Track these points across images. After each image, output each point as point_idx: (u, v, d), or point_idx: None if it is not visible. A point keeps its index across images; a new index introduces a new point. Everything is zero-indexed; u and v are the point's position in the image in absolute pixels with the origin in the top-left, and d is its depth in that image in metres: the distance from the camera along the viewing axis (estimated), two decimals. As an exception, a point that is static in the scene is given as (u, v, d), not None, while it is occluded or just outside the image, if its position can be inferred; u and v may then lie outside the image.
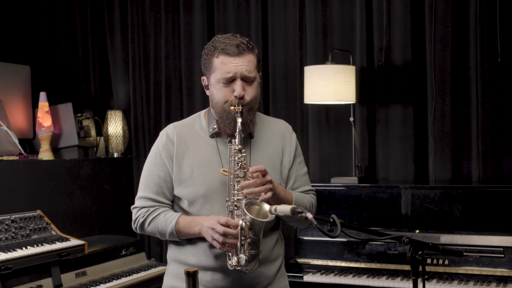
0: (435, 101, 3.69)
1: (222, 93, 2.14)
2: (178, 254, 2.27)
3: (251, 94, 2.15)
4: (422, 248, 1.92)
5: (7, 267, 2.90)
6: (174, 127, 2.28)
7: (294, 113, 4.10)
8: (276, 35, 4.15)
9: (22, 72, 4.28)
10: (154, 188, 2.24)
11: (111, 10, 4.74)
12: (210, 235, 2.08)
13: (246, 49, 2.13)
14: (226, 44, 2.13)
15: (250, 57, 2.14)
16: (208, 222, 2.09)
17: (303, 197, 2.28)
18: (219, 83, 2.14)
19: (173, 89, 4.53)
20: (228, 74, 2.12)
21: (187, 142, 2.23)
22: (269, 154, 2.25)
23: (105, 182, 4.26)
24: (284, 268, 2.37)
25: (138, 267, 3.71)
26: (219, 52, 2.13)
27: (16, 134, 3.90)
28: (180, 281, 2.24)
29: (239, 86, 2.12)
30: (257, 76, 2.18)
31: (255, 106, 2.20)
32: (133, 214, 2.29)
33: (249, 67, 2.13)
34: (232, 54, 2.11)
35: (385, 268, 3.25)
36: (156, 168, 2.24)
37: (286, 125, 2.36)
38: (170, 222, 2.18)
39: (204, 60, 2.19)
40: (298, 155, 2.33)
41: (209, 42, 2.20)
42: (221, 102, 2.15)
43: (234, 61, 2.11)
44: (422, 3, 3.74)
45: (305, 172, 2.35)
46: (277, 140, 2.29)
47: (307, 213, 1.89)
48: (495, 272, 3.04)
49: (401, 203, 3.37)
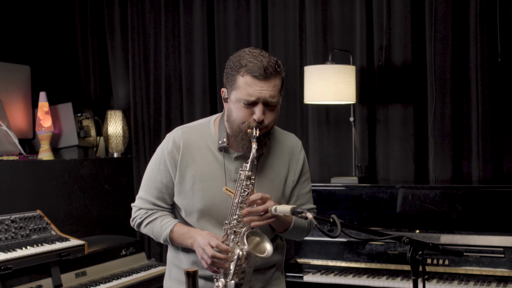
0: (435, 101, 3.69)
1: (242, 114, 2.07)
2: (175, 258, 2.28)
3: (270, 118, 2.09)
4: (422, 248, 1.92)
5: (7, 267, 2.90)
6: (182, 132, 2.22)
7: (294, 113, 4.10)
8: (276, 35, 4.15)
9: (22, 72, 4.27)
10: (155, 193, 2.23)
11: (111, 10, 4.74)
12: (199, 254, 2.08)
13: (274, 72, 2.05)
14: (254, 64, 2.03)
15: (276, 82, 2.06)
16: (201, 239, 2.07)
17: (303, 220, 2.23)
18: (240, 103, 2.06)
19: (173, 89, 4.52)
20: (251, 97, 2.03)
21: (192, 152, 2.18)
22: (274, 174, 2.21)
23: (105, 182, 4.26)
24: (282, 271, 2.35)
25: (138, 267, 3.71)
26: (245, 71, 2.03)
27: (16, 134, 3.90)
28: (179, 284, 2.26)
29: (259, 111, 2.04)
30: (279, 100, 2.11)
31: (272, 129, 2.16)
32: (132, 212, 2.31)
33: (274, 93, 2.05)
34: (259, 77, 2.02)
35: (385, 268, 3.25)
36: (159, 174, 2.22)
37: (296, 142, 2.30)
38: (165, 230, 2.18)
39: (228, 74, 2.10)
40: (304, 174, 2.29)
41: (235, 54, 2.11)
42: (238, 122, 2.08)
43: (259, 84, 2.03)
44: (422, 3, 3.74)
45: (308, 190, 2.31)
46: (285, 157, 2.24)
47: (307, 213, 1.89)
48: (495, 272, 3.04)
49: (401, 203, 3.37)
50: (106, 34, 4.77)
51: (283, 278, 2.38)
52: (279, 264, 2.33)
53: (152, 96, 4.60)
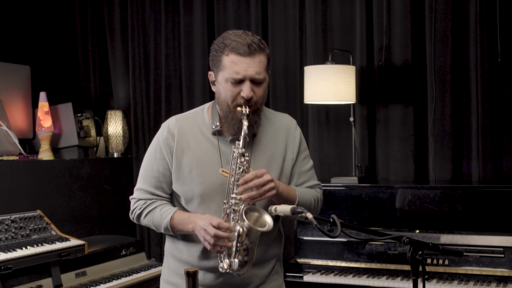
0: (435, 101, 3.69)
1: (230, 93, 2.09)
2: (174, 249, 2.28)
3: (259, 95, 2.11)
4: (422, 248, 1.92)
5: (7, 267, 2.90)
6: (176, 120, 2.24)
7: (294, 113, 4.09)
8: (276, 35, 4.15)
9: (22, 72, 4.28)
10: (153, 182, 2.23)
11: (111, 10, 4.74)
12: (202, 236, 2.07)
13: (258, 49, 2.07)
14: (238, 42, 2.06)
15: (261, 58, 2.08)
16: (201, 222, 2.08)
17: (308, 192, 2.25)
18: (227, 82, 2.08)
19: (173, 89, 4.53)
20: (237, 75, 2.06)
21: (188, 138, 2.20)
22: (271, 153, 2.22)
23: (105, 182, 4.26)
24: (280, 265, 2.35)
25: (138, 267, 3.71)
26: (229, 50, 2.07)
27: (16, 134, 3.90)
28: (177, 276, 2.26)
29: (247, 88, 2.07)
30: (266, 77, 2.13)
31: (261, 107, 2.18)
32: (131, 204, 2.30)
33: (259, 69, 2.08)
34: (243, 54, 2.05)
35: (385, 268, 3.25)
36: (156, 162, 2.23)
37: (290, 120, 2.31)
38: (166, 217, 2.18)
39: (213, 56, 2.13)
40: (302, 151, 2.29)
41: (219, 37, 2.14)
42: (227, 101, 2.11)
43: (245, 61, 2.05)
44: (422, 3, 3.74)
45: (310, 167, 2.31)
46: (281, 136, 2.25)
47: (307, 213, 1.89)
48: (495, 272, 3.04)
49: (401, 203, 3.36)
50: (106, 34, 4.77)
51: (282, 272, 2.37)
52: (278, 257, 2.33)
53: (152, 96, 4.60)
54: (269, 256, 2.26)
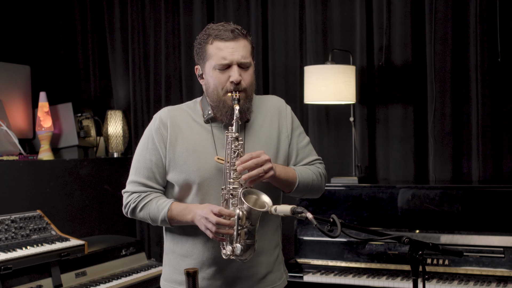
0: (435, 101, 3.69)
1: (218, 80, 2.11)
2: (176, 244, 2.25)
3: (248, 80, 2.13)
4: (422, 248, 1.92)
5: (7, 267, 2.91)
6: (168, 110, 2.24)
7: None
8: (276, 35, 4.15)
9: (22, 72, 4.28)
10: (146, 173, 2.21)
11: (111, 10, 4.74)
12: (203, 224, 2.05)
13: (241, 34, 2.12)
14: (220, 30, 2.11)
15: (245, 43, 2.12)
16: (201, 211, 2.06)
17: (308, 170, 2.24)
18: (215, 70, 2.11)
19: (173, 89, 4.53)
20: (224, 60, 2.09)
21: (181, 126, 2.19)
22: (265, 135, 2.21)
23: (105, 182, 4.25)
24: (282, 254, 2.34)
25: (138, 267, 3.71)
26: (213, 38, 2.10)
27: (16, 134, 3.90)
28: (178, 273, 2.23)
29: (235, 72, 2.09)
30: (252, 63, 2.16)
31: (251, 93, 2.18)
32: (124, 198, 2.26)
33: (245, 53, 2.11)
34: (227, 39, 2.09)
35: (385, 268, 3.25)
36: (148, 153, 2.21)
37: (279, 100, 2.32)
38: (163, 209, 2.15)
39: (198, 49, 2.16)
40: (296, 128, 2.29)
41: (201, 32, 2.18)
42: (217, 90, 2.12)
43: (230, 45, 2.09)
44: (422, 3, 3.74)
45: (306, 143, 2.31)
46: (273, 117, 2.25)
47: (307, 213, 1.89)
48: (495, 272, 3.04)
49: (401, 203, 3.37)
50: (106, 34, 4.77)
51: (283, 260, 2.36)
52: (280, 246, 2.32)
53: (152, 96, 4.60)
54: (274, 244, 2.25)
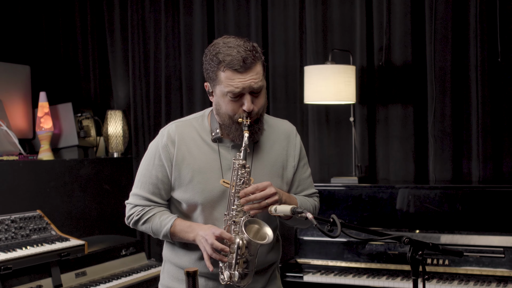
0: (435, 101, 3.69)
1: (231, 107, 2.06)
2: (173, 256, 2.26)
3: (259, 104, 2.08)
4: (422, 248, 1.92)
5: (7, 267, 2.90)
6: (176, 126, 2.21)
7: (294, 113, 4.10)
8: (276, 35, 4.15)
9: (22, 72, 4.27)
10: (151, 188, 2.21)
11: (111, 10, 4.74)
12: (202, 245, 2.06)
13: (253, 60, 2.02)
14: (232, 57, 2.00)
15: (257, 69, 2.04)
16: (203, 232, 2.06)
17: (307, 201, 2.26)
18: (226, 96, 2.05)
19: (173, 89, 4.53)
20: (236, 89, 2.02)
21: (188, 144, 2.17)
22: (272, 160, 2.20)
23: (105, 182, 4.26)
24: (278, 268, 2.35)
25: (138, 267, 3.71)
26: (224, 66, 2.01)
27: (16, 134, 3.90)
28: (176, 281, 2.24)
29: (248, 101, 2.03)
30: (264, 83, 2.09)
31: (263, 113, 2.15)
32: (127, 209, 2.26)
33: (257, 79, 2.03)
34: (240, 70, 2.00)
35: (385, 268, 3.25)
36: (154, 169, 2.20)
37: (290, 127, 2.29)
38: (166, 225, 2.16)
39: (207, 70, 2.08)
40: (302, 158, 2.28)
41: (210, 48, 2.08)
42: (228, 114, 2.08)
43: (242, 76, 2.01)
44: (422, 3, 3.74)
45: (308, 175, 2.31)
46: (282, 143, 2.23)
47: (307, 213, 1.88)
48: (495, 272, 3.04)
49: (401, 203, 3.37)
50: (106, 34, 4.77)
51: (279, 275, 2.38)
52: (277, 262, 2.33)
53: (152, 96, 4.60)
54: (269, 261, 2.26)
